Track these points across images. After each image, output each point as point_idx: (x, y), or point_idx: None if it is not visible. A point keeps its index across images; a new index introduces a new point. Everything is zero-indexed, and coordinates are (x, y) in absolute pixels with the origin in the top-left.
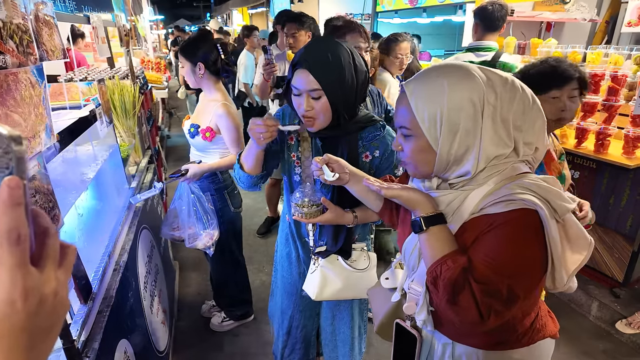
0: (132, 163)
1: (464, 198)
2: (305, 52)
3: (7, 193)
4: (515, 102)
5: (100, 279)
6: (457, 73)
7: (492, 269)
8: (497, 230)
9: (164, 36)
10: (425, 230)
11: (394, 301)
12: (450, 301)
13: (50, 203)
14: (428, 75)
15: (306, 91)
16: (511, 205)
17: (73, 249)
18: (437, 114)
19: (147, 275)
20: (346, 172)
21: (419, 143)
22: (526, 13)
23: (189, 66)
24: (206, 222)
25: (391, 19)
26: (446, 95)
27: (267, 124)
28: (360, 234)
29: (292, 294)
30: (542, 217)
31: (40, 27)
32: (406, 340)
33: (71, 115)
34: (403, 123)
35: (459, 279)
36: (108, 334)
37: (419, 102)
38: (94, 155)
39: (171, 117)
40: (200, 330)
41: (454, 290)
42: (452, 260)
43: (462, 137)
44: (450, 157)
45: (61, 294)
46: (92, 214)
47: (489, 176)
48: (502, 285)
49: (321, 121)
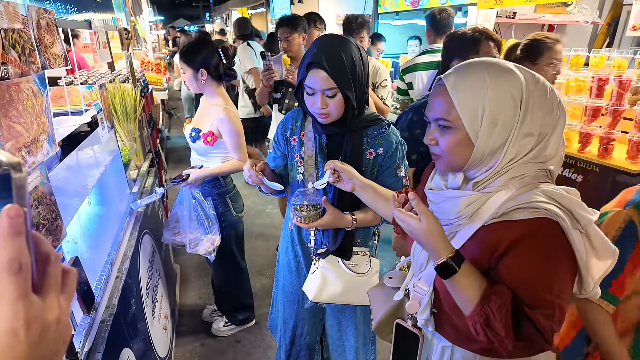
0: (134, 167)
1: (485, 200)
2: (318, 52)
3: (7, 223)
4: (546, 101)
5: (103, 288)
6: (498, 68)
7: (542, 290)
8: (529, 246)
9: (163, 37)
10: (458, 271)
11: (396, 300)
12: (516, 337)
13: (53, 214)
14: (469, 69)
15: (322, 90)
16: (535, 214)
17: (74, 274)
18: (479, 108)
19: (149, 282)
20: (354, 180)
21: (458, 136)
22: (528, 16)
23: (191, 73)
24: (208, 227)
25: (392, 21)
26: (488, 89)
27: (250, 175)
28: (362, 239)
29: (294, 303)
30: (565, 228)
31: (43, 34)
32: (406, 340)
33: (73, 122)
34: (442, 115)
35: (514, 310)
36: (111, 344)
37: (461, 95)
38: (96, 161)
39: (171, 118)
40: (202, 335)
41: (513, 324)
42: (496, 295)
43: (500, 131)
44: (486, 151)
45: (64, 321)
46: (95, 220)
47: (513, 179)
48: (555, 303)
49: (334, 116)
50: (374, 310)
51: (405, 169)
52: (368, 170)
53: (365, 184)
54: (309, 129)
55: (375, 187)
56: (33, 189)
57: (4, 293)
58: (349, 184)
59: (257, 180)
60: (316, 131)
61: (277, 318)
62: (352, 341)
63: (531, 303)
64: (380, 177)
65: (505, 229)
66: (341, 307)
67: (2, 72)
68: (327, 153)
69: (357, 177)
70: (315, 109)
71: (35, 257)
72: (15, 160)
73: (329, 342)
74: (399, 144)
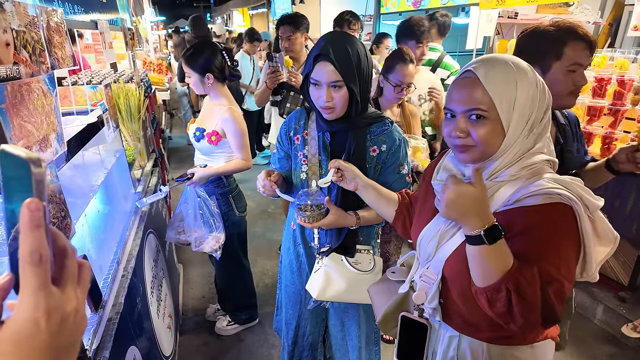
0: (137, 167)
1: (497, 189)
2: (326, 45)
3: (27, 216)
4: (544, 94)
5: (109, 286)
6: (515, 61)
7: (558, 268)
8: (546, 226)
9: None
10: (504, 234)
11: (401, 292)
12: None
13: (63, 212)
14: (495, 61)
15: (327, 82)
16: (549, 199)
17: (88, 266)
18: (513, 98)
19: (154, 280)
20: (356, 180)
21: (494, 125)
22: (530, 16)
23: (197, 77)
24: (212, 225)
25: (395, 21)
26: (518, 81)
27: (264, 185)
28: (365, 236)
29: (296, 304)
30: (578, 212)
31: (52, 34)
32: (412, 332)
33: (79, 122)
34: (476, 105)
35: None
36: (118, 342)
37: (494, 85)
38: (102, 161)
39: (172, 118)
40: (205, 334)
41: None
42: (525, 266)
43: (525, 120)
44: (514, 140)
45: (81, 312)
46: (101, 220)
47: (523, 168)
48: (565, 282)
49: (339, 111)
50: (377, 305)
51: (408, 166)
52: (371, 167)
53: (368, 184)
54: (312, 128)
55: (377, 187)
56: None
57: (25, 283)
58: (352, 183)
59: (270, 190)
60: (319, 129)
61: (282, 320)
62: (355, 341)
63: (547, 278)
64: (383, 174)
65: (519, 213)
66: (344, 306)
67: (14, 72)
68: (330, 151)
69: (359, 176)
70: (321, 102)
71: (53, 251)
72: (35, 156)
73: (332, 341)
74: (401, 141)
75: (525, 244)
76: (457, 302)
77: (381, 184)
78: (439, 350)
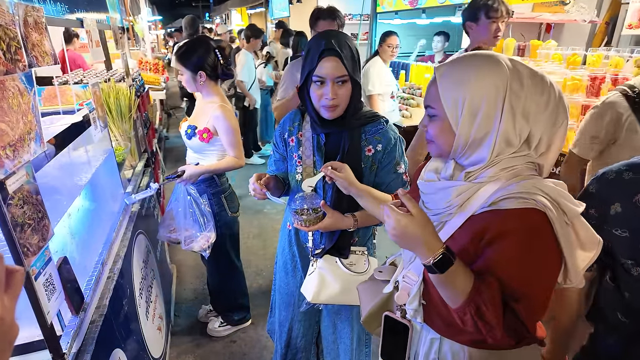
0: (128, 167)
1: (476, 190)
2: (329, 40)
3: None
4: (540, 95)
5: (93, 288)
6: (485, 61)
7: (525, 284)
8: (515, 238)
9: (162, 36)
10: (454, 261)
11: (385, 292)
12: (501, 325)
13: (40, 214)
14: (458, 61)
15: (334, 78)
16: (523, 204)
17: (21, 273)
18: (459, 98)
19: (143, 282)
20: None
21: (441, 123)
22: (526, 14)
23: (189, 75)
24: (203, 224)
25: (391, 20)
26: (472, 80)
27: (255, 189)
28: (360, 237)
29: (290, 305)
30: (551, 218)
31: (30, 32)
32: (395, 332)
33: (64, 121)
34: (429, 102)
35: (501, 300)
36: (101, 344)
37: (445, 84)
38: (88, 160)
39: (170, 117)
40: (197, 335)
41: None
42: (485, 286)
43: (481, 121)
44: (468, 140)
45: (7, 320)
46: (86, 220)
47: (503, 169)
48: (537, 296)
49: (342, 108)
50: (363, 304)
51: (405, 165)
52: (367, 167)
53: (361, 191)
54: (307, 129)
55: (371, 192)
56: (18, 188)
57: None
58: (346, 190)
59: (261, 194)
60: (314, 131)
61: (276, 322)
62: (347, 343)
63: (514, 295)
64: (380, 173)
65: (494, 217)
66: (337, 308)
67: None
68: (325, 152)
69: (353, 184)
70: (324, 101)
71: None
72: None
73: (324, 344)
74: (397, 140)
75: (496, 258)
76: (438, 304)
77: (378, 184)
78: (420, 352)
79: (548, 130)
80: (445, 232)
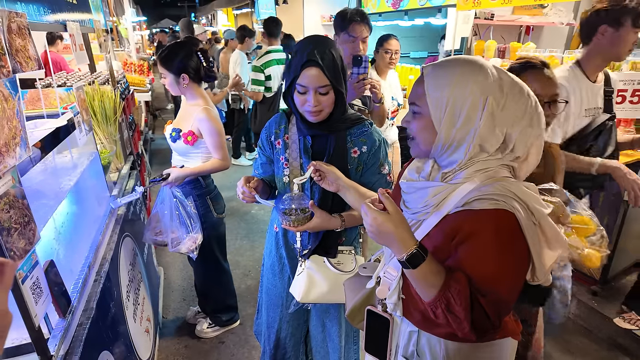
0: (114, 170)
1: (452, 191)
2: (311, 50)
3: None
4: (519, 104)
5: (79, 290)
6: (472, 66)
7: (492, 280)
8: (485, 237)
9: (147, 37)
10: (426, 258)
11: (368, 287)
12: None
13: (26, 218)
14: (447, 63)
15: (315, 87)
16: (494, 205)
17: (11, 266)
18: (444, 98)
19: (130, 284)
20: (338, 181)
21: (424, 121)
22: (506, 17)
23: (172, 77)
24: (189, 226)
25: (375, 22)
26: (457, 84)
27: (243, 192)
28: (347, 237)
29: (278, 306)
30: (519, 219)
31: (13, 38)
32: (377, 325)
33: (49, 125)
34: (414, 100)
35: (469, 295)
36: (88, 347)
37: (431, 84)
38: (73, 164)
39: (155, 119)
40: (185, 337)
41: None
42: (455, 282)
43: (462, 124)
44: (448, 140)
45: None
46: (72, 224)
47: (478, 171)
48: (503, 292)
49: (325, 114)
50: (348, 299)
51: (389, 166)
52: (353, 168)
53: (349, 185)
54: (293, 132)
55: (358, 189)
56: (3, 192)
57: None
58: (334, 184)
59: (250, 197)
60: (300, 133)
61: (263, 323)
62: (336, 341)
63: (482, 290)
64: (365, 174)
65: (466, 216)
66: (325, 307)
67: None
68: (312, 154)
69: (341, 178)
70: (307, 107)
71: None
72: None
73: (312, 343)
74: (381, 142)
75: (466, 256)
76: (416, 299)
77: (363, 184)
78: (400, 344)
79: (524, 137)
80: (422, 231)
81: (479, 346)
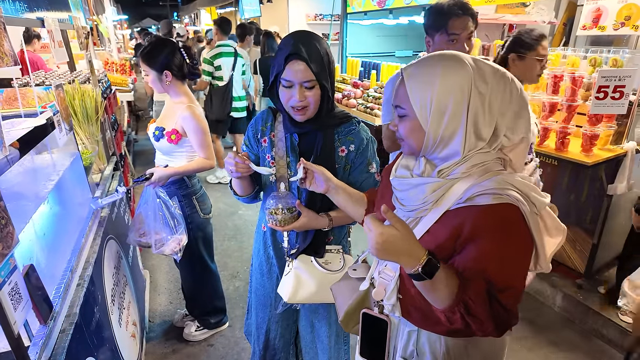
0: (96, 171)
1: (450, 186)
2: (296, 43)
3: None
4: (503, 91)
5: (62, 295)
6: (451, 61)
7: (508, 274)
8: (495, 233)
9: (128, 36)
10: (440, 266)
11: (362, 289)
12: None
13: (3, 220)
14: (424, 62)
15: (300, 82)
16: (498, 200)
17: None
18: (427, 97)
19: (115, 288)
20: (329, 182)
21: (411, 123)
22: (489, 16)
23: (155, 75)
24: (173, 227)
25: (361, 20)
26: (438, 80)
27: (236, 163)
28: (335, 236)
29: (267, 307)
30: (524, 212)
31: None
32: (373, 329)
33: (27, 124)
34: (399, 103)
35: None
36: (72, 354)
37: (413, 85)
38: (53, 165)
39: (138, 120)
40: (173, 341)
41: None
42: (471, 283)
43: (449, 118)
44: (437, 138)
45: None
46: (54, 226)
47: (474, 166)
48: (520, 283)
49: (312, 110)
50: (339, 304)
51: (377, 164)
52: (341, 167)
53: (338, 186)
54: (279, 129)
55: (346, 189)
56: None
57: None
58: (323, 185)
59: (244, 167)
60: (287, 130)
61: (253, 324)
62: (325, 341)
63: (499, 286)
64: (353, 173)
65: (471, 212)
66: (314, 307)
67: None
68: (299, 152)
69: (331, 179)
70: (292, 102)
71: None
72: None
73: (302, 344)
74: (369, 141)
75: (478, 254)
76: (415, 298)
77: (351, 183)
78: (399, 345)
79: (512, 123)
80: (421, 228)
81: (477, 340)
